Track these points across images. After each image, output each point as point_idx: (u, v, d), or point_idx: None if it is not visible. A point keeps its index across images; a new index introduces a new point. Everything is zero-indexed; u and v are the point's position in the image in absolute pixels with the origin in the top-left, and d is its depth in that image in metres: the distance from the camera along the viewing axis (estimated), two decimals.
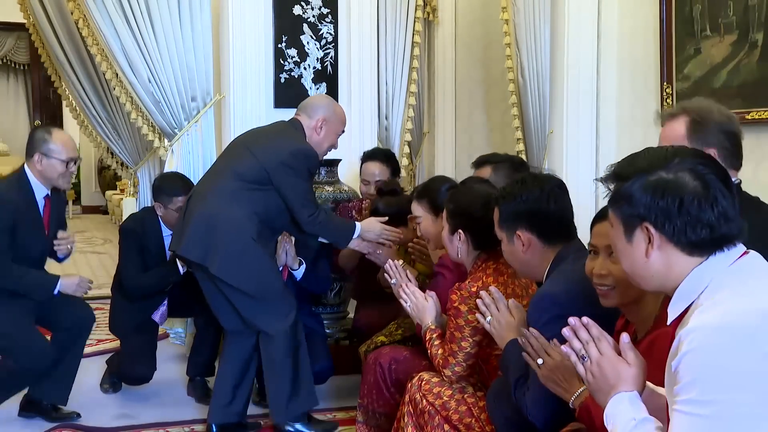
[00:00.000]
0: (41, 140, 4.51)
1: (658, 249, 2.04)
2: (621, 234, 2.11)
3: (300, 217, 4.28)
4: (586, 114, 6.26)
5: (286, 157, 4.26)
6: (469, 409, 3.35)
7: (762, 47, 5.17)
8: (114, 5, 5.49)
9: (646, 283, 2.13)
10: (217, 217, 4.22)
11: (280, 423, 4.38)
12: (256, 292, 4.26)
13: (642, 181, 2.03)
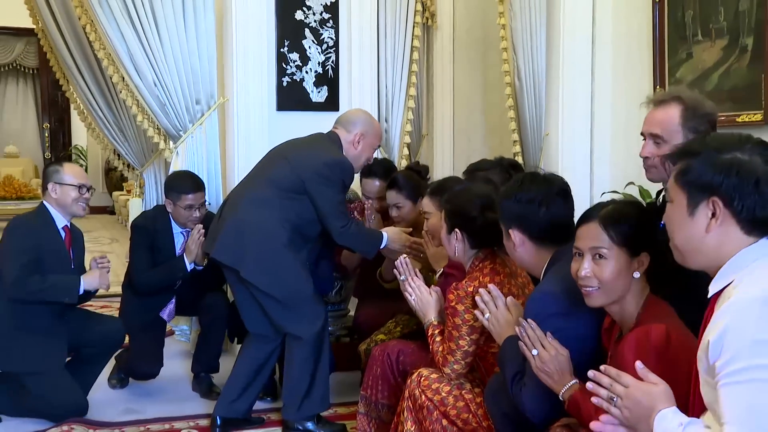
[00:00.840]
0: (54, 172, 4.65)
1: (720, 225, 2.08)
2: (683, 207, 2.14)
3: (332, 227, 4.29)
4: (581, 117, 6.27)
5: (322, 168, 4.26)
6: (467, 405, 3.35)
7: (752, 52, 5.18)
8: (120, 11, 5.50)
9: (694, 258, 2.17)
10: (249, 223, 4.23)
11: (290, 420, 4.40)
12: (285, 298, 4.27)
13: (716, 158, 2.08)
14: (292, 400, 4.36)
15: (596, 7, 6.22)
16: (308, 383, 4.34)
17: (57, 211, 4.66)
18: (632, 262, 2.59)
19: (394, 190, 4.68)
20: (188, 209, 4.98)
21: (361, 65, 6.04)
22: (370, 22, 6.06)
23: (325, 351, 4.39)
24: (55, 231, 4.65)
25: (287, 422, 4.42)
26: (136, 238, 5.14)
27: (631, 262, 2.59)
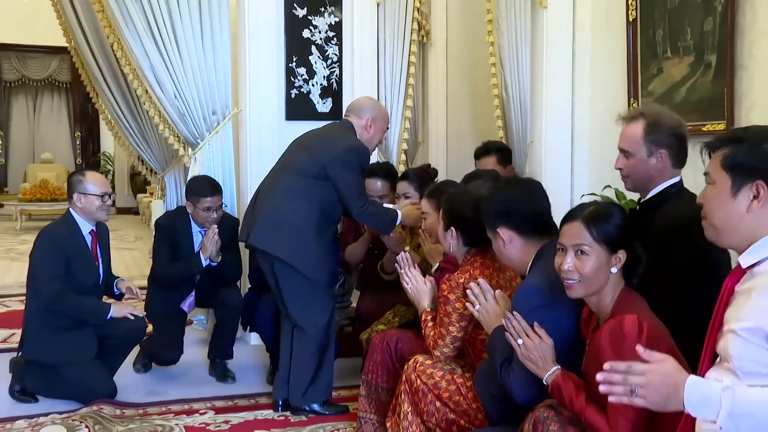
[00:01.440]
0: (77, 182, 4.67)
1: (762, 206, 2.11)
2: (726, 189, 2.16)
3: (352, 207, 4.31)
4: (562, 126, 6.27)
5: (341, 153, 4.28)
6: (458, 388, 3.36)
7: (715, 68, 5.18)
8: (144, 29, 5.53)
9: (729, 236, 2.19)
10: (282, 212, 4.25)
11: (296, 404, 4.40)
12: (314, 276, 4.28)
13: (761, 145, 2.12)
14: (297, 388, 4.37)
15: (576, 26, 6.23)
16: (313, 373, 4.34)
17: (82, 218, 4.69)
18: (611, 258, 2.61)
19: (406, 182, 4.73)
20: (207, 211, 4.99)
21: (362, 79, 6.03)
22: (370, 40, 6.05)
23: (331, 343, 4.39)
24: (81, 238, 4.70)
25: (295, 406, 4.42)
26: (159, 236, 5.18)
27: (609, 259, 2.61)
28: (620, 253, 2.62)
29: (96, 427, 4.18)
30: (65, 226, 4.68)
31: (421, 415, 3.44)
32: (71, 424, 4.24)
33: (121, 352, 4.93)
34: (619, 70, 5.96)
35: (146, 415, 4.43)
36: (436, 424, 3.40)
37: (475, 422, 3.31)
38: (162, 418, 4.39)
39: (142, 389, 4.88)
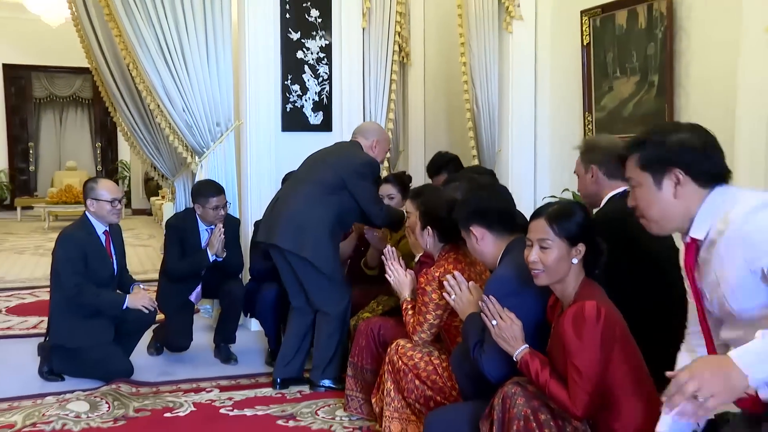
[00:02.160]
0: (90, 189, 4.67)
1: (683, 188, 2.14)
2: (650, 186, 2.19)
3: (371, 212, 4.35)
4: (526, 136, 6.31)
5: (359, 167, 4.33)
6: (435, 369, 3.37)
7: (657, 86, 5.25)
8: (156, 52, 5.52)
9: (669, 223, 2.21)
10: (305, 216, 4.27)
11: (314, 380, 4.40)
12: (329, 272, 4.29)
13: (664, 140, 2.17)
14: (317, 366, 4.38)
15: (537, 48, 6.27)
16: (333, 352, 4.36)
17: (96, 220, 4.68)
18: (571, 250, 2.63)
19: (390, 184, 4.79)
20: (215, 209, 4.99)
21: (350, 94, 6.03)
22: (357, 60, 6.05)
23: (347, 326, 4.39)
24: (97, 237, 4.69)
25: (312, 381, 4.42)
26: (169, 234, 5.15)
27: (570, 251, 2.63)
28: (580, 246, 2.63)
29: (115, 403, 4.18)
30: (82, 227, 4.68)
31: (402, 392, 3.44)
32: (93, 400, 4.23)
33: (134, 335, 4.91)
34: (575, 88, 5.98)
35: (159, 393, 4.41)
36: (415, 400, 3.40)
37: (450, 398, 3.31)
38: (173, 395, 4.37)
39: (155, 370, 4.85)
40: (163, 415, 4.05)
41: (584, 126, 5.92)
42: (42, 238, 12.04)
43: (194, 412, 4.10)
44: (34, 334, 5.60)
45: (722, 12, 4.76)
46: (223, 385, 4.56)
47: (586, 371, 2.46)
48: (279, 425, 3.90)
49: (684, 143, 2.14)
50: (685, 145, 2.14)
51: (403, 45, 6.70)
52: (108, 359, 4.60)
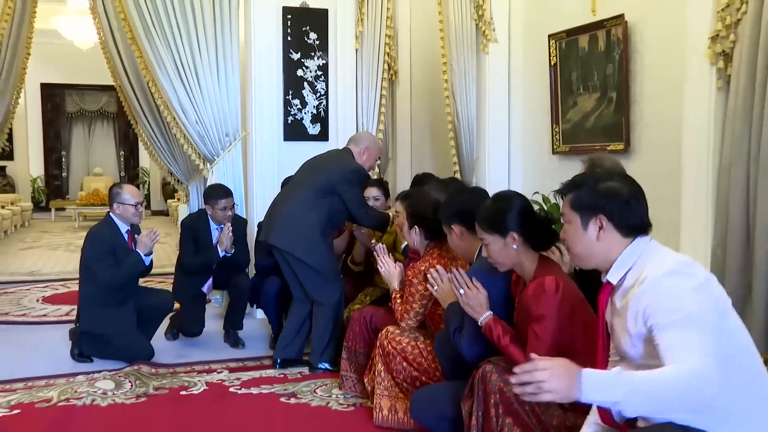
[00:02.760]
0: (116, 194, 4.67)
1: (606, 233, 2.11)
2: (578, 225, 2.16)
3: (358, 215, 4.33)
4: (501, 146, 6.32)
5: (347, 174, 4.31)
6: (420, 352, 3.38)
7: (615, 102, 5.25)
8: (173, 71, 5.52)
9: (589, 260, 2.18)
10: (299, 219, 4.28)
11: (313, 363, 4.38)
12: (321, 269, 4.29)
13: (595, 187, 2.13)
14: (315, 350, 4.37)
15: (511, 68, 6.29)
16: (329, 337, 4.34)
17: (120, 221, 4.67)
18: (505, 240, 2.69)
19: (376, 188, 4.78)
20: (223, 210, 4.97)
21: (344, 108, 6.02)
22: (351, 78, 6.05)
23: (341, 315, 4.38)
24: (121, 236, 4.68)
25: (311, 364, 4.40)
26: (184, 233, 5.15)
27: (505, 241, 2.69)
28: (512, 234, 2.69)
29: (137, 382, 4.19)
30: (107, 227, 4.67)
31: (391, 373, 3.45)
32: (118, 379, 4.23)
33: (154, 323, 4.90)
34: (544, 103, 5.98)
35: (175, 373, 4.40)
36: (403, 380, 3.41)
37: (434, 378, 3.32)
38: (187, 375, 4.37)
39: (171, 353, 4.84)
40: (179, 393, 4.05)
41: (552, 136, 5.92)
42: (73, 236, 12.01)
43: (206, 390, 4.10)
44: (66, 321, 5.58)
45: (670, 37, 4.81)
46: (232, 366, 4.55)
47: (543, 336, 2.53)
48: (282, 402, 3.89)
49: (612, 193, 2.11)
50: (613, 196, 2.11)
51: (391, 64, 6.69)
52: (131, 343, 4.60)
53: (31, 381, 4.25)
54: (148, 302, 4.81)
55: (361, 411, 3.71)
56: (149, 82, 5.83)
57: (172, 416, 3.69)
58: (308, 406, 3.83)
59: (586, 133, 5.58)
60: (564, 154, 5.82)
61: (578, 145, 5.66)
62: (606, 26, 5.29)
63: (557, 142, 5.87)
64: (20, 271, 8.39)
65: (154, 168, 15.20)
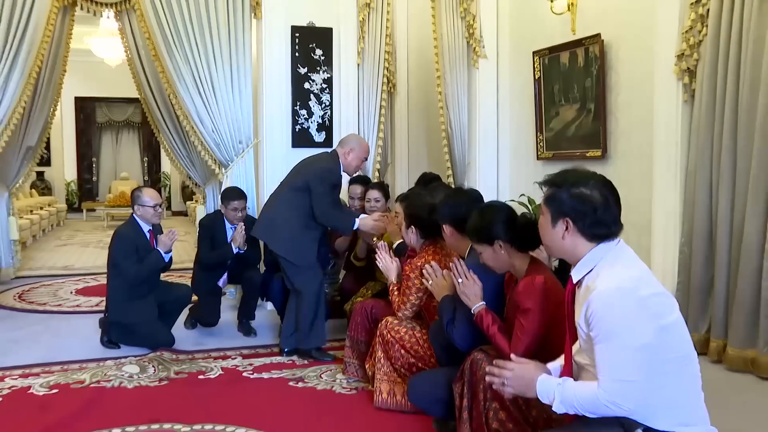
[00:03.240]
0: (137, 197, 4.68)
1: (571, 235, 2.08)
2: (549, 221, 2.13)
3: (318, 211, 4.25)
4: (490, 152, 6.32)
5: (318, 171, 4.28)
6: (417, 341, 3.37)
7: (594, 112, 5.25)
8: (192, 85, 5.55)
9: (557, 253, 2.18)
10: (279, 216, 4.30)
11: (301, 349, 4.37)
12: (297, 262, 4.28)
13: (570, 190, 2.08)
14: (302, 334, 4.33)
15: (499, 81, 6.30)
16: (310, 324, 4.30)
17: (142, 222, 4.67)
18: (493, 248, 2.71)
19: (377, 190, 4.74)
20: (234, 210, 4.97)
21: (347, 118, 6.01)
22: (353, 90, 6.03)
23: (321, 302, 4.35)
24: (143, 235, 4.68)
25: (301, 351, 4.38)
26: (201, 231, 5.14)
27: (493, 248, 2.71)
28: (498, 242, 2.70)
29: (159, 367, 4.18)
30: (131, 227, 4.67)
31: (390, 360, 3.44)
32: (142, 364, 4.23)
33: (174, 314, 4.90)
34: (529, 113, 5.97)
35: (194, 359, 4.39)
36: (401, 366, 3.40)
37: (429, 364, 3.31)
38: (205, 361, 4.36)
39: (190, 341, 4.82)
40: (198, 377, 4.04)
41: (537, 143, 5.91)
42: (102, 234, 11.99)
43: (222, 375, 4.09)
44: (97, 311, 5.57)
45: (641, 55, 4.83)
46: (245, 353, 4.54)
47: (528, 327, 2.53)
48: (290, 386, 3.88)
49: (582, 200, 2.05)
50: (583, 201, 2.04)
51: (390, 78, 6.68)
52: (154, 332, 4.60)
53: (67, 364, 4.27)
54: (169, 295, 4.81)
55: (363, 394, 3.70)
56: (170, 94, 5.84)
57: (190, 398, 3.68)
58: (314, 389, 3.82)
59: (567, 140, 5.57)
60: (547, 160, 5.81)
61: (560, 151, 5.65)
62: (584, 44, 5.29)
63: (541, 148, 5.87)
64: (56, 266, 8.39)
65: (175, 172, 15.21)
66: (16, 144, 6.63)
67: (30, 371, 4.13)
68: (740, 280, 4.04)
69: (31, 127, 6.71)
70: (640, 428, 1.98)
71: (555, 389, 2.01)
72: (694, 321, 4.31)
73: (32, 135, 6.79)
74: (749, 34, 3.96)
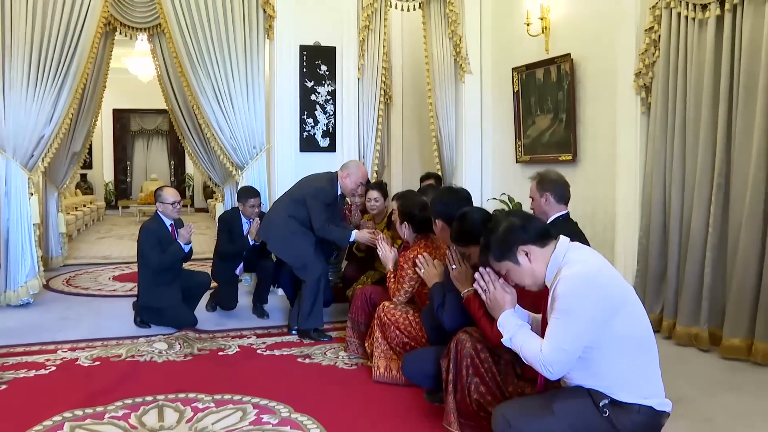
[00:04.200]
0: (158, 195, 4.68)
1: (532, 254, 2.09)
2: (513, 267, 2.13)
3: (315, 225, 4.25)
4: (475, 156, 6.32)
5: (313, 191, 4.29)
6: (410, 323, 3.36)
7: (565, 122, 5.27)
8: (212, 97, 5.52)
9: (540, 280, 2.13)
10: (277, 220, 4.34)
11: (302, 329, 4.35)
12: (292, 262, 4.33)
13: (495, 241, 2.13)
14: (303, 316, 4.32)
15: (483, 94, 6.31)
16: (310, 308, 4.29)
17: (164, 217, 4.66)
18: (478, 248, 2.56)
19: (376, 190, 4.69)
20: (252, 207, 4.96)
21: (348, 126, 5.96)
22: (354, 101, 5.98)
23: (320, 291, 4.32)
24: (166, 228, 4.66)
25: (301, 331, 4.37)
26: (220, 225, 5.09)
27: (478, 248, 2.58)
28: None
29: (184, 345, 4.18)
30: (155, 222, 4.65)
31: (386, 339, 3.43)
32: (170, 341, 4.24)
33: (196, 298, 4.88)
34: (509, 122, 5.97)
35: (214, 338, 4.37)
36: (396, 345, 3.39)
37: (421, 343, 3.30)
38: (224, 339, 4.34)
39: (211, 322, 4.80)
40: (218, 354, 4.03)
41: (516, 149, 5.89)
42: (134, 228, 11.88)
43: (239, 352, 4.08)
44: (131, 295, 5.55)
45: (605, 72, 4.85)
46: (259, 333, 4.53)
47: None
48: (298, 362, 3.88)
49: (510, 229, 2.10)
50: (511, 230, 2.10)
51: (387, 90, 6.67)
52: (179, 314, 4.59)
53: (106, 341, 4.30)
54: (191, 281, 4.81)
55: (363, 369, 3.68)
56: (194, 106, 5.80)
57: (212, 372, 3.67)
58: (319, 365, 3.80)
59: (542, 146, 5.56)
60: (525, 163, 5.79)
61: (536, 155, 5.64)
62: (557, 62, 5.28)
63: (520, 153, 5.85)
64: (96, 256, 8.38)
65: (197, 174, 15.18)
66: (64, 150, 6.72)
67: (77, 345, 4.18)
68: (688, 267, 4.11)
69: (76, 136, 6.81)
70: (606, 399, 1.98)
71: (512, 328, 2.13)
72: (650, 303, 4.36)
73: (77, 142, 6.88)
74: (693, 56, 4.12)
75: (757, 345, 3.67)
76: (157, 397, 3.22)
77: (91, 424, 2.91)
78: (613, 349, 1.99)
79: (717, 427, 2.87)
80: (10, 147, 5.14)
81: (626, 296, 2.04)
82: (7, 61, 5.07)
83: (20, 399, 3.23)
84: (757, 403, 3.15)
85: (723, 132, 3.91)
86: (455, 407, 2.59)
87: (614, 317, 1.97)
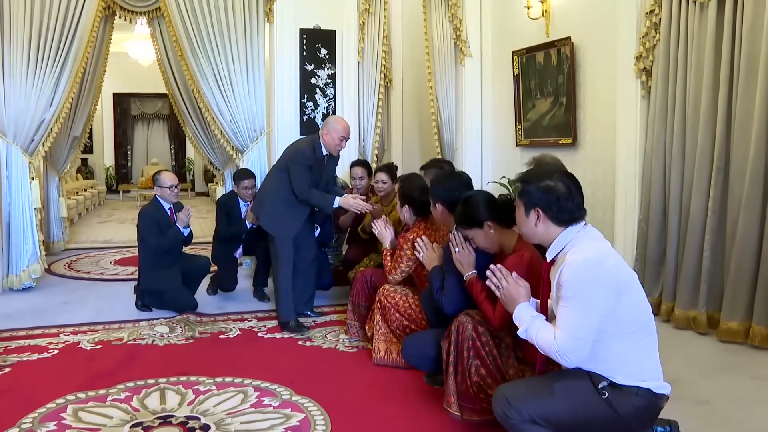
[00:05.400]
0: (157, 179, 4.67)
1: (542, 222, 2.11)
2: (522, 212, 2.16)
3: (296, 189, 4.08)
4: (475, 139, 6.29)
5: (292, 154, 4.15)
6: (410, 306, 3.36)
7: (565, 105, 5.22)
8: (212, 81, 5.48)
9: (532, 239, 2.21)
10: (265, 192, 4.25)
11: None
12: (276, 233, 4.13)
13: (537, 184, 2.11)
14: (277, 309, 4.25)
15: (483, 77, 6.27)
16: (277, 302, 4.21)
17: (162, 201, 4.64)
18: (483, 230, 2.68)
19: (383, 172, 4.64)
20: (246, 189, 4.96)
21: (348, 109, 5.92)
22: (354, 85, 5.94)
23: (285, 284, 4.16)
24: (165, 212, 4.65)
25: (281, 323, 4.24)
26: (219, 209, 5.08)
27: (484, 230, 2.68)
28: (486, 224, 2.66)
29: (185, 328, 4.18)
30: (154, 206, 4.65)
31: (387, 322, 3.43)
32: (171, 325, 4.24)
33: (197, 281, 4.88)
34: (509, 105, 5.93)
35: (215, 321, 4.37)
36: (396, 327, 3.39)
37: (420, 326, 3.30)
38: (225, 323, 4.34)
39: (212, 305, 4.80)
40: (219, 337, 4.03)
41: (516, 132, 5.87)
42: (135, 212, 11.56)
43: (240, 335, 4.08)
44: (132, 279, 5.54)
45: (606, 56, 4.80)
46: (260, 316, 4.53)
47: None
48: (299, 345, 3.88)
49: (549, 191, 2.08)
50: (548, 192, 2.08)
51: (387, 74, 6.62)
52: (179, 297, 4.58)
53: (108, 324, 4.29)
54: (191, 264, 4.81)
55: (363, 352, 3.69)
56: (194, 90, 5.78)
57: (213, 355, 3.68)
58: (320, 348, 3.81)
59: (542, 129, 5.53)
60: (525, 146, 5.77)
61: (536, 139, 5.61)
62: (557, 45, 5.23)
63: (520, 136, 5.82)
64: (98, 240, 8.36)
65: (198, 158, 15.17)
66: (65, 134, 6.68)
67: (79, 329, 4.18)
68: (686, 251, 4.11)
69: (76, 120, 6.75)
70: (605, 381, 1.99)
71: (527, 319, 2.10)
72: (649, 287, 4.35)
73: (78, 126, 6.83)
74: (693, 40, 4.08)
75: (755, 328, 3.67)
76: (158, 380, 3.23)
77: (93, 407, 2.92)
78: (614, 333, 1.99)
79: (714, 408, 2.87)
80: (10, 131, 5.12)
81: (630, 280, 2.04)
82: (7, 46, 5.03)
83: (23, 382, 3.24)
84: (753, 386, 3.16)
85: (723, 116, 3.88)
86: (455, 389, 2.59)
87: (619, 302, 1.98)
